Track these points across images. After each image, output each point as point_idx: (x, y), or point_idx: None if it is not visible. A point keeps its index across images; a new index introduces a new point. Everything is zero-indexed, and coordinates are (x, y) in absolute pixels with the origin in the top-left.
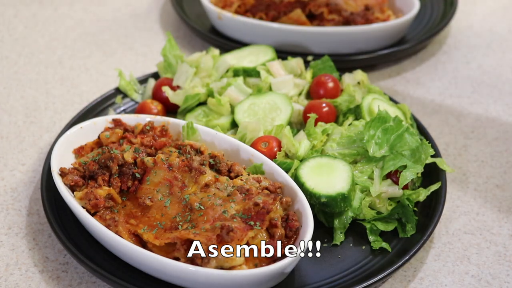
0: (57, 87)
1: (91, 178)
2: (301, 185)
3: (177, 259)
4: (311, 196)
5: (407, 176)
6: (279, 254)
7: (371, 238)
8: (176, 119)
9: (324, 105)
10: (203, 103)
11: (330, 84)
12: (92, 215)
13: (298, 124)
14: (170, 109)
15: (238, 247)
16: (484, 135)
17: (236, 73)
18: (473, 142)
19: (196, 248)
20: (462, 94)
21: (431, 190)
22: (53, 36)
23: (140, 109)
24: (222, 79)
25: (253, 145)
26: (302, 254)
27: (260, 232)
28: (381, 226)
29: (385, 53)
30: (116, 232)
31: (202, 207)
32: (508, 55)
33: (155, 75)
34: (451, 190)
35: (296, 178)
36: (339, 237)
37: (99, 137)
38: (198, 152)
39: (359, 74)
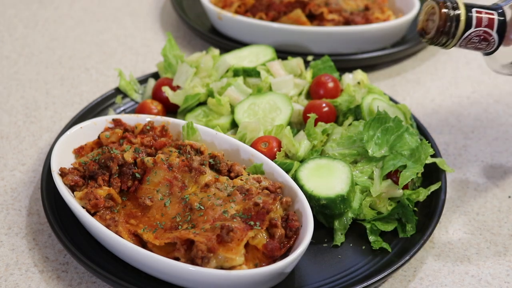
0: (57, 87)
1: (91, 178)
2: (300, 187)
3: (177, 259)
4: (310, 198)
5: (407, 176)
6: (279, 254)
7: (371, 238)
8: (176, 119)
9: (324, 105)
10: (203, 103)
11: (330, 84)
12: (92, 215)
13: (298, 124)
14: (170, 109)
15: (238, 247)
16: (484, 135)
17: (236, 73)
18: (473, 142)
19: (197, 248)
20: (462, 94)
21: (431, 190)
22: (53, 36)
23: (140, 109)
24: (222, 79)
25: (253, 145)
26: (302, 254)
27: (260, 232)
28: (381, 226)
29: (385, 53)
30: (116, 232)
31: (202, 207)
32: None
33: (155, 75)
34: (451, 190)
35: (295, 180)
36: (340, 238)
37: (99, 137)
38: (198, 152)
39: (359, 74)
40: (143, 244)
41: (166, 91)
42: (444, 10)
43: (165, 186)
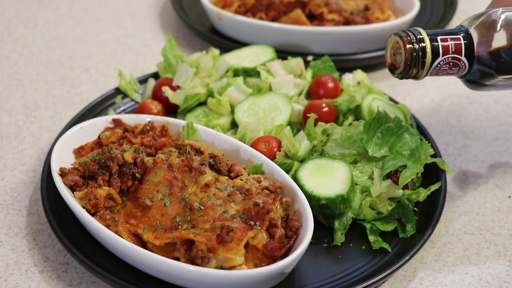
0: (57, 87)
1: (91, 178)
2: (300, 187)
3: (177, 259)
4: (310, 198)
5: (407, 176)
6: (279, 254)
7: (371, 238)
8: (176, 119)
9: (324, 105)
10: (203, 103)
11: (330, 84)
12: (92, 215)
13: (298, 124)
14: (170, 109)
15: (238, 247)
16: (484, 135)
17: (236, 73)
18: (473, 142)
19: (197, 248)
20: (462, 94)
21: (431, 190)
22: (53, 36)
23: (140, 109)
24: (222, 79)
25: (253, 145)
26: (302, 254)
27: (260, 232)
28: (381, 226)
29: None
30: (116, 232)
31: (202, 207)
32: None
33: (155, 75)
34: (451, 190)
35: (295, 180)
36: (340, 238)
37: (99, 137)
38: (198, 152)
39: (359, 74)
40: (143, 244)
41: (166, 91)
42: (408, 46)
43: (165, 186)
